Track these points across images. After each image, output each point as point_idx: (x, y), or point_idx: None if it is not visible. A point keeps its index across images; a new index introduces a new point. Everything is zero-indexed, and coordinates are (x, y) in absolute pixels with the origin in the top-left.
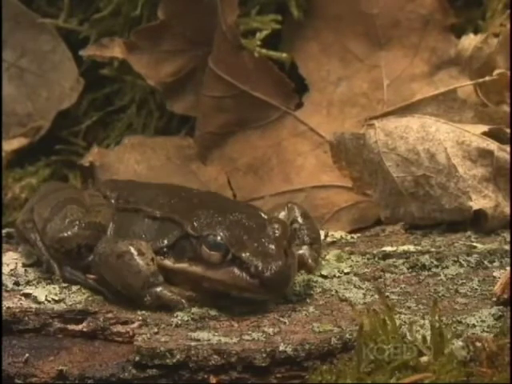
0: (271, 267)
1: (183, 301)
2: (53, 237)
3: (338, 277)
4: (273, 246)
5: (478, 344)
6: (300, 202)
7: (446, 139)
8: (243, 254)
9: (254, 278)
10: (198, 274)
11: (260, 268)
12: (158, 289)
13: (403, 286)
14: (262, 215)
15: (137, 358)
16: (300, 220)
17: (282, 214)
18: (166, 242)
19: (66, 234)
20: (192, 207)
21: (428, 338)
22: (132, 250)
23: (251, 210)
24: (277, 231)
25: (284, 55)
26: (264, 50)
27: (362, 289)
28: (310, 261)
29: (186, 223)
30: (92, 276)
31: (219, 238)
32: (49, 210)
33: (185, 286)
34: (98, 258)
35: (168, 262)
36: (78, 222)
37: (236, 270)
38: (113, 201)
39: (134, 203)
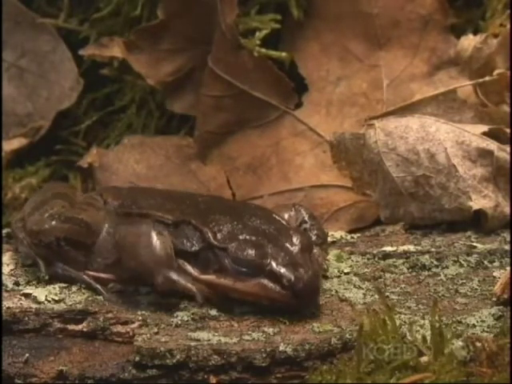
0: (303, 279)
1: (195, 290)
2: (31, 230)
3: (338, 277)
4: (300, 256)
5: (478, 344)
6: (299, 201)
7: (446, 139)
8: (274, 267)
9: (286, 289)
10: (227, 287)
11: (293, 280)
12: (171, 272)
13: (403, 285)
14: (276, 217)
15: (137, 358)
16: (309, 221)
17: (290, 215)
18: (188, 248)
19: (42, 227)
20: (204, 211)
21: (428, 338)
22: (152, 231)
23: (264, 212)
24: (300, 240)
25: (284, 54)
26: (263, 50)
27: (362, 289)
28: (321, 260)
29: (206, 231)
30: (91, 273)
31: (248, 251)
32: (33, 205)
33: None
34: (117, 237)
35: (192, 271)
36: (56, 216)
37: (267, 282)
38: (112, 207)
39: (140, 209)
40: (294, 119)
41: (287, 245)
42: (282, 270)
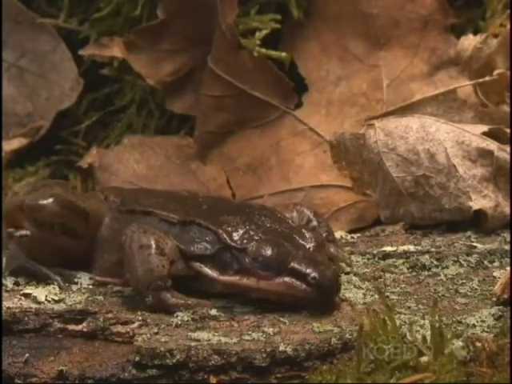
0: (327, 276)
1: (189, 302)
2: (28, 205)
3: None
4: (318, 254)
5: (478, 344)
6: (299, 201)
7: (446, 139)
8: (297, 265)
9: (311, 286)
10: (250, 287)
11: (317, 278)
12: (163, 293)
13: (403, 285)
14: (282, 217)
15: (137, 358)
16: (316, 219)
17: (293, 216)
18: (203, 251)
19: (39, 202)
20: (209, 212)
21: (428, 338)
22: (154, 246)
23: (270, 212)
24: (314, 238)
25: (283, 54)
26: (263, 50)
27: (362, 289)
28: (343, 257)
29: (220, 232)
30: (97, 277)
31: (269, 250)
32: (31, 188)
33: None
34: (124, 239)
35: (211, 273)
36: (55, 195)
37: (291, 281)
38: (114, 204)
39: (143, 207)
40: (294, 119)
41: (303, 242)
42: (306, 268)
